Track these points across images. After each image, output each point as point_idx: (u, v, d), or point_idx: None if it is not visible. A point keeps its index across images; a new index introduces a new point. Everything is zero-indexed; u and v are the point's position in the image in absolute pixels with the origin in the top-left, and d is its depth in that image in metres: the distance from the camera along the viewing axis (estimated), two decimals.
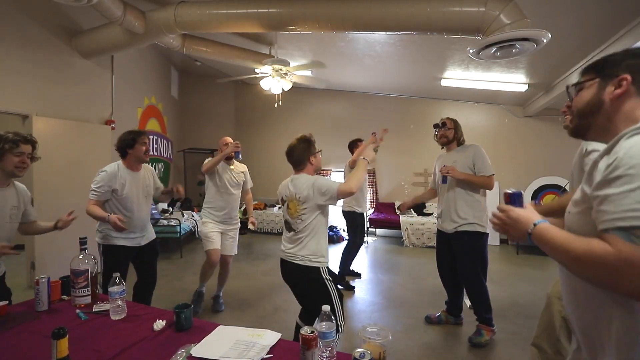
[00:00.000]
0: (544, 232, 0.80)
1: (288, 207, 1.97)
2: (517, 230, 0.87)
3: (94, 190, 2.26)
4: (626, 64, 0.79)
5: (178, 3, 3.53)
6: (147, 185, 2.48)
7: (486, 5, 2.75)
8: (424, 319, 2.95)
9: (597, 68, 0.84)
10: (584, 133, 0.88)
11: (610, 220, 0.66)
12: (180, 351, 1.17)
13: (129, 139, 2.33)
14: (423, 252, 5.50)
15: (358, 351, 0.96)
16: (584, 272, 0.71)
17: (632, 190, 0.63)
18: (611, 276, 0.66)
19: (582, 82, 0.86)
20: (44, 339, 1.24)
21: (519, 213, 0.88)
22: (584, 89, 0.86)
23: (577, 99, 0.88)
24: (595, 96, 0.82)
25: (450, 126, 2.72)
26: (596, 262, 0.67)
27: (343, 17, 3.19)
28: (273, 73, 4.38)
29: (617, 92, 0.78)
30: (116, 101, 4.73)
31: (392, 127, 6.97)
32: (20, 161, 1.80)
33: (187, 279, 4.09)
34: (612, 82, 0.80)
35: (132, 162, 2.37)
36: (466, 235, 2.56)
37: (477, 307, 2.61)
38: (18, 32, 3.46)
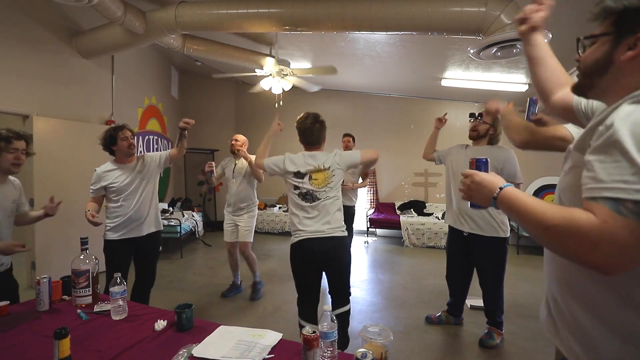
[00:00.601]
0: (511, 197, 0.75)
1: (312, 178, 2.05)
2: (482, 194, 0.83)
3: (90, 188, 2.39)
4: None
5: (178, 3, 3.53)
6: (143, 174, 2.50)
7: (487, 5, 2.76)
8: (424, 319, 2.94)
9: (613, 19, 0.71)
10: (585, 92, 0.81)
11: (600, 189, 0.61)
12: (182, 351, 1.17)
13: (108, 136, 2.39)
14: (423, 252, 5.50)
15: (360, 351, 0.96)
16: (554, 241, 0.66)
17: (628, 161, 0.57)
18: (584, 248, 0.61)
19: (597, 37, 0.75)
20: (45, 339, 1.24)
21: (482, 177, 0.85)
22: (596, 43, 0.76)
23: (586, 55, 0.78)
24: (606, 55, 0.72)
25: (487, 120, 2.52)
26: (573, 232, 0.62)
27: (343, 17, 3.19)
28: (274, 73, 4.38)
29: (629, 54, 0.68)
30: (116, 101, 4.73)
31: (392, 127, 7.03)
32: (15, 157, 1.82)
33: (187, 279, 4.09)
34: (627, 41, 0.68)
35: (122, 157, 2.45)
36: (491, 241, 2.44)
37: (493, 311, 2.56)
38: (18, 32, 3.46)
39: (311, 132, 2.12)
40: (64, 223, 3.76)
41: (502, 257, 2.49)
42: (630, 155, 0.57)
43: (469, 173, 0.89)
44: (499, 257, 2.49)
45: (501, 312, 2.56)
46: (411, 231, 5.86)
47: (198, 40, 4.90)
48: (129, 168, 2.45)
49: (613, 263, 0.59)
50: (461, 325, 2.86)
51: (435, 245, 5.75)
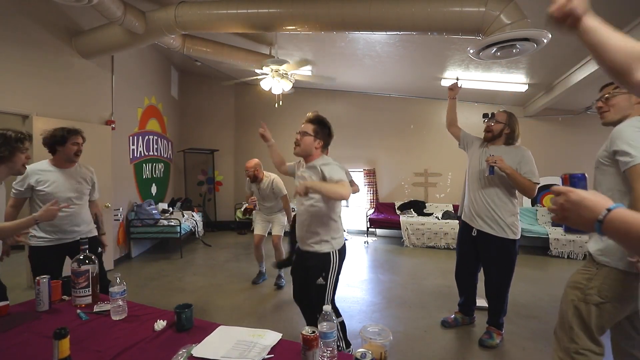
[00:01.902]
0: (627, 219, 0.61)
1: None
2: (581, 217, 0.68)
3: (14, 187, 2.16)
4: None
5: (178, 3, 3.53)
6: (78, 182, 2.36)
7: (486, 5, 2.76)
8: (440, 323, 2.87)
9: None
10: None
11: None
12: (181, 351, 1.17)
13: (59, 136, 2.25)
14: (423, 252, 5.50)
15: (359, 351, 0.96)
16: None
17: None
18: None
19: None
20: (44, 339, 1.24)
21: (582, 195, 0.69)
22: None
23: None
24: None
25: (500, 120, 2.47)
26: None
27: (343, 17, 3.19)
28: (273, 73, 4.38)
29: None
30: (116, 101, 4.72)
31: (392, 127, 7.04)
32: (26, 157, 1.85)
33: (187, 279, 4.09)
34: None
35: (62, 160, 2.30)
36: (500, 242, 2.40)
37: (496, 313, 2.55)
38: (18, 32, 3.45)
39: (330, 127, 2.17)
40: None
41: (510, 259, 2.44)
42: None
43: (564, 190, 0.72)
44: (506, 258, 2.44)
45: (504, 314, 2.56)
46: (411, 231, 5.87)
47: (198, 40, 4.90)
48: (67, 173, 2.31)
49: None
50: (474, 325, 2.84)
51: (435, 245, 5.75)
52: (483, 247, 2.52)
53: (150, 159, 5.78)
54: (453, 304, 3.18)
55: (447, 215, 6.07)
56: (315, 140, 2.04)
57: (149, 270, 4.48)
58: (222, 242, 6.19)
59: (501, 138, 2.48)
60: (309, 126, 2.06)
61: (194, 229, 5.83)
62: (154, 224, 5.09)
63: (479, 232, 2.48)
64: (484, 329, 2.62)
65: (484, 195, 2.45)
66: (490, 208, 2.42)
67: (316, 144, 2.04)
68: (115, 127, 4.59)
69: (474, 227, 2.51)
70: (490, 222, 2.42)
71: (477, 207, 2.48)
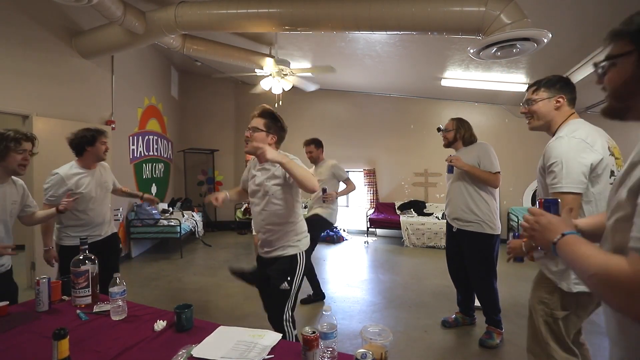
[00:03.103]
0: (570, 245, 0.71)
1: None
2: (544, 238, 0.79)
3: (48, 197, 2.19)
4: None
5: (178, 3, 3.53)
6: (105, 180, 2.46)
7: (487, 5, 2.75)
8: (440, 323, 2.88)
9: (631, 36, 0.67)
10: (622, 116, 0.73)
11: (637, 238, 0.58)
12: (181, 352, 1.17)
13: (89, 136, 2.28)
14: (423, 252, 5.50)
15: (360, 352, 0.96)
16: (598, 290, 0.64)
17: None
18: (624, 298, 0.58)
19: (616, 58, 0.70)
20: (44, 340, 1.24)
21: (550, 220, 0.80)
22: (618, 65, 0.70)
23: (611, 78, 0.72)
24: (634, 74, 0.66)
25: (449, 127, 2.73)
26: (609, 281, 0.60)
27: (343, 16, 3.18)
28: (273, 73, 4.38)
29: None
30: (116, 101, 4.72)
31: (392, 127, 7.03)
32: (23, 158, 1.83)
33: (187, 279, 4.09)
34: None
35: (90, 161, 2.34)
36: (475, 237, 2.52)
37: (486, 309, 2.60)
38: (18, 32, 3.45)
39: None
40: None
41: (487, 252, 2.54)
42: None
43: (537, 212, 0.85)
44: (484, 252, 2.54)
45: (498, 310, 2.58)
46: (411, 231, 5.86)
47: (198, 40, 4.90)
48: (95, 173, 2.38)
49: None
50: (474, 325, 2.85)
51: (436, 245, 5.75)
52: (463, 244, 2.63)
53: (150, 159, 5.78)
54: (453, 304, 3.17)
55: None
56: (268, 136, 1.84)
57: (149, 270, 4.47)
58: (222, 242, 6.19)
59: (458, 142, 2.71)
60: (259, 120, 1.86)
61: (194, 229, 5.83)
62: (154, 224, 5.09)
63: (458, 229, 2.61)
64: (484, 329, 2.62)
65: (458, 193, 2.60)
66: (465, 205, 2.55)
67: (269, 139, 1.85)
68: (115, 127, 4.59)
69: (454, 226, 2.65)
70: (467, 218, 2.54)
71: (453, 206, 2.63)
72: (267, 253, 1.89)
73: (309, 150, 3.57)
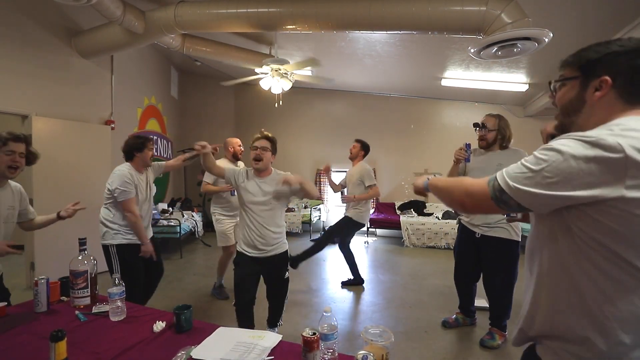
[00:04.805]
0: (434, 181, 1.08)
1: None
2: (417, 186, 1.18)
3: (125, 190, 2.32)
4: (608, 63, 0.76)
5: (178, 3, 3.52)
6: (150, 185, 2.61)
7: (487, 4, 2.75)
8: (440, 323, 2.86)
9: (579, 65, 0.81)
10: (568, 129, 0.84)
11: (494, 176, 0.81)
12: (180, 353, 1.16)
13: (140, 143, 2.45)
14: (423, 252, 5.49)
15: (360, 353, 0.95)
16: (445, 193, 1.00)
17: (522, 163, 0.75)
18: (462, 194, 0.88)
19: (566, 80, 0.84)
20: (43, 341, 1.23)
21: (416, 180, 1.20)
22: (567, 86, 0.84)
23: (560, 96, 0.86)
24: (578, 96, 0.81)
25: (491, 127, 2.43)
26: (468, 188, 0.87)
27: (343, 16, 3.18)
28: (273, 73, 4.37)
29: (597, 94, 0.77)
30: (116, 101, 4.71)
31: (392, 127, 7.02)
32: (12, 160, 1.74)
33: (187, 280, 4.08)
34: (594, 83, 0.77)
35: (140, 165, 2.48)
36: (501, 242, 2.38)
37: (499, 316, 2.52)
38: (18, 32, 3.45)
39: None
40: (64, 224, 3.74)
41: (512, 260, 2.43)
42: (529, 163, 0.74)
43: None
44: (508, 260, 2.43)
45: (507, 316, 2.53)
46: (411, 231, 5.85)
47: (197, 40, 4.89)
48: (144, 177, 2.55)
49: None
50: (474, 326, 2.83)
51: (436, 245, 5.74)
52: (486, 249, 2.49)
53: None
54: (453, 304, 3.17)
55: (448, 215, 6.06)
56: (272, 156, 2.24)
57: None
58: None
59: (496, 144, 2.47)
60: (265, 142, 2.20)
61: (193, 229, 5.82)
62: (153, 224, 5.07)
63: (483, 235, 2.47)
64: (486, 330, 2.61)
65: None
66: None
67: (272, 158, 2.25)
68: (115, 127, 4.58)
69: (478, 231, 2.49)
70: (494, 222, 2.41)
71: None
72: (264, 253, 2.21)
73: (353, 146, 3.84)
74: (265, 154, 2.18)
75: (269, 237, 2.20)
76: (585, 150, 0.66)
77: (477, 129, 2.50)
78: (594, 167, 0.65)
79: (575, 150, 0.67)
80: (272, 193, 2.17)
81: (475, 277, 2.70)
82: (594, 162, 0.65)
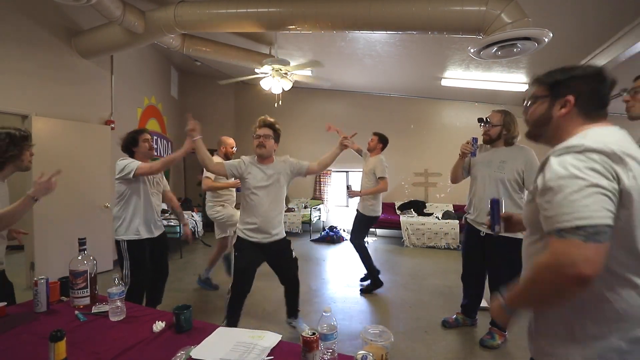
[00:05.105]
0: (509, 297, 0.98)
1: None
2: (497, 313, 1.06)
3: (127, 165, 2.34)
4: (571, 85, 0.90)
5: (178, 3, 3.52)
6: (157, 180, 2.65)
7: (487, 4, 2.75)
8: (440, 323, 2.85)
9: (548, 85, 0.94)
10: (537, 139, 1.01)
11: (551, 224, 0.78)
12: (180, 353, 1.16)
13: (130, 138, 2.48)
14: (423, 252, 5.49)
15: (360, 353, 0.95)
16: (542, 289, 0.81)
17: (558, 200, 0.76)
18: (556, 275, 0.74)
19: (537, 98, 0.97)
20: (42, 341, 1.22)
21: (493, 306, 1.08)
22: (537, 102, 0.97)
23: (531, 111, 0.99)
24: (546, 112, 0.94)
25: (496, 122, 2.41)
26: (542, 270, 0.78)
27: (343, 16, 3.18)
28: (273, 73, 4.37)
29: (562, 111, 0.90)
30: (116, 101, 4.71)
31: (392, 127, 7.02)
32: (31, 154, 1.87)
33: (187, 279, 4.08)
34: (559, 102, 0.91)
35: (141, 158, 2.50)
36: (508, 241, 2.24)
37: None
38: (17, 32, 3.44)
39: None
40: (64, 223, 3.75)
41: (517, 258, 2.41)
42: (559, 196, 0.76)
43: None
44: (513, 257, 2.42)
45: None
46: (411, 231, 5.85)
47: (197, 40, 4.89)
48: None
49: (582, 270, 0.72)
50: (475, 327, 2.82)
51: (436, 245, 5.74)
52: (491, 247, 2.46)
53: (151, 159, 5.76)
54: (453, 304, 3.17)
55: (448, 215, 6.06)
56: (274, 143, 2.33)
57: None
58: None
59: (500, 140, 2.45)
60: (268, 130, 2.28)
61: (193, 229, 5.81)
62: None
63: (487, 234, 2.45)
64: (486, 330, 2.60)
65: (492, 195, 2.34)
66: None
67: (275, 146, 2.34)
68: (114, 127, 4.58)
69: (483, 229, 2.46)
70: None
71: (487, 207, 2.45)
72: (269, 237, 2.33)
73: (372, 139, 3.86)
74: (267, 141, 2.26)
75: (275, 220, 2.33)
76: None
77: (482, 124, 2.50)
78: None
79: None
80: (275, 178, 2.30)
81: (484, 275, 2.67)
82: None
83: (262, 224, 2.28)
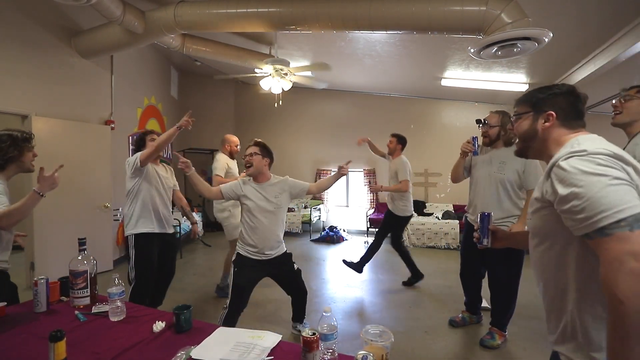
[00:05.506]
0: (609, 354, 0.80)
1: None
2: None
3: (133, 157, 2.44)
4: (551, 102, 0.99)
5: (177, 2, 3.52)
6: (166, 178, 2.69)
7: (487, 4, 2.74)
8: (447, 322, 2.85)
9: (530, 103, 1.03)
10: (526, 153, 1.09)
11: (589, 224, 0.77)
12: (180, 353, 1.16)
13: (140, 140, 2.56)
14: (423, 252, 5.48)
15: (360, 353, 0.95)
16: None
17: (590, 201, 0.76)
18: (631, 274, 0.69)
19: (521, 114, 1.06)
20: (42, 341, 1.23)
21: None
22: (522, 119, 1.05)
23: (517, 126, 1.07)
24: (531, 126, 1.03)
25: (494, 123, 2.43)
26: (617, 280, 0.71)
27: (343, 16, 3.18)
28: (273, 73, 4.37)
29: (546, 124, 0.99)
30: (116, 101, 4.71)
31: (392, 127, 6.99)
32: (34, 155, 1.89)
33: (187, 280, 4.08)
34: (542, 117, 1.00)
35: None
36: None
37: (501, 314, 2.51)
38: (17, 32, 3.44)
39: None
40: (64, 223, 3.75)
41: (517, 261, 2.41)
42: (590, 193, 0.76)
43: None
44: (513, 260, 2.40)
45: (511, 314, 2.52)
46: (411, 231, 5.85)
47: (197, 40, 4.89)
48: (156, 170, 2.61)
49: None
50: (481, 324, 2.83)
51: (436, 245, 5.74)
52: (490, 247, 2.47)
53: None
54: (453, 304, 3.17)
55: (448, 215, 6.06)
56: (263, 159, 2.30)
57: None
58: (222, 242, 6.16)
59: (499, 141, 2.46)
60: (253, 148, 2.31)
61: None
62: None
63: None
64: (486, 330, 2.61)
65: (494, 194, 2.41)
66: (500, 208, 2.38)
67: (264, 161, 2.31)
68: (114, 127, 4.58)
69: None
70: (499, 221, 2.39)
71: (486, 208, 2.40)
72: (268, 257, 2.35)
73: (390, 141, 3.97)
74: (253, 158, 2.27)
75: (274, 241, 2.34)
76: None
77: (480, 125, 2.51)
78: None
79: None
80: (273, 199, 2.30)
81: (481, 273, 2.70)
82: None
83: (260, 245, 2.29)
